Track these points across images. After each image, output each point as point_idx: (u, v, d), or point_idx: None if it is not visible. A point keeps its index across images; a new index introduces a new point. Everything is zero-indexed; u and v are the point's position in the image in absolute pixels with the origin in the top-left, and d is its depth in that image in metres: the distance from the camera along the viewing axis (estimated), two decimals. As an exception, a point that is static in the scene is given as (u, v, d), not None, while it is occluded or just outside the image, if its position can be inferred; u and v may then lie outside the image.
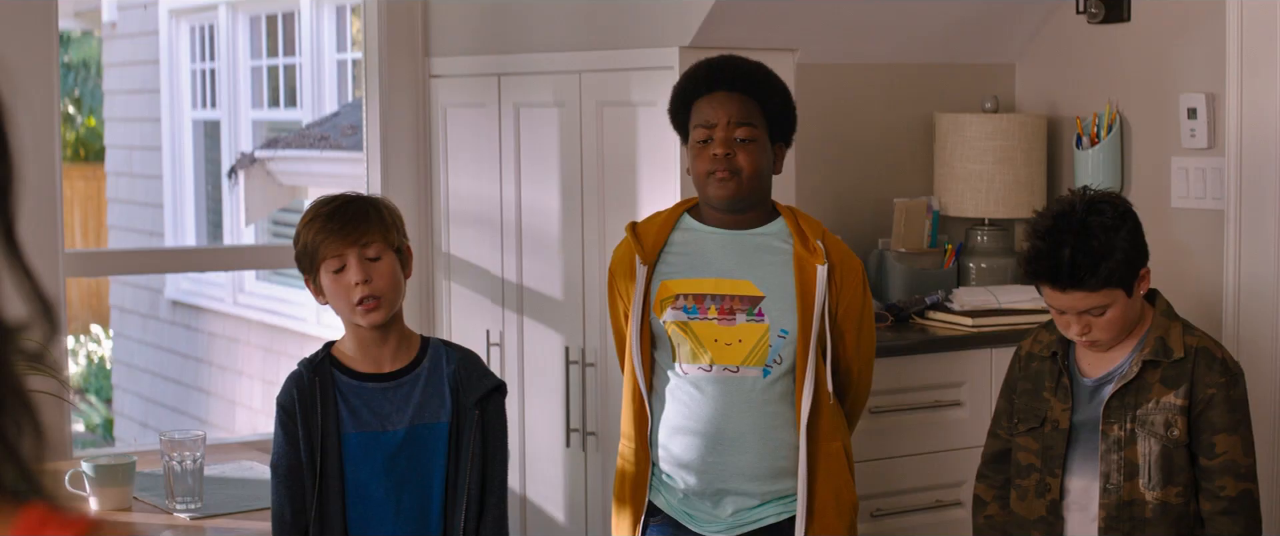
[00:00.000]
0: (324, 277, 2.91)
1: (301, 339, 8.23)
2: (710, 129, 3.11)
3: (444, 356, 2.98)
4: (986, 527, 3.19)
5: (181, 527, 3.21)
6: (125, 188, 10.38)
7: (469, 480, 2.92)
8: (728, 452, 3.12)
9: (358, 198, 2.97)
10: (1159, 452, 2.95)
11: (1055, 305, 2.98)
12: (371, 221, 2.90)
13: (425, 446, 2.93)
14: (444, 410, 2.94)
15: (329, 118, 8.15)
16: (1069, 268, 2.90)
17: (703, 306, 3.13)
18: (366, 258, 2.88)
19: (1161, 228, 4.26)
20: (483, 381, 2.98)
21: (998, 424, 3.21)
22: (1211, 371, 2.96)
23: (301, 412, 2.90)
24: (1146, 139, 4.29)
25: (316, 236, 2.90)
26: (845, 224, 4.34)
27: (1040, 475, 3.06)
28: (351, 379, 2.94)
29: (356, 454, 2.91)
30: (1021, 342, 3.20)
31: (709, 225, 3.18)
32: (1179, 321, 3.05)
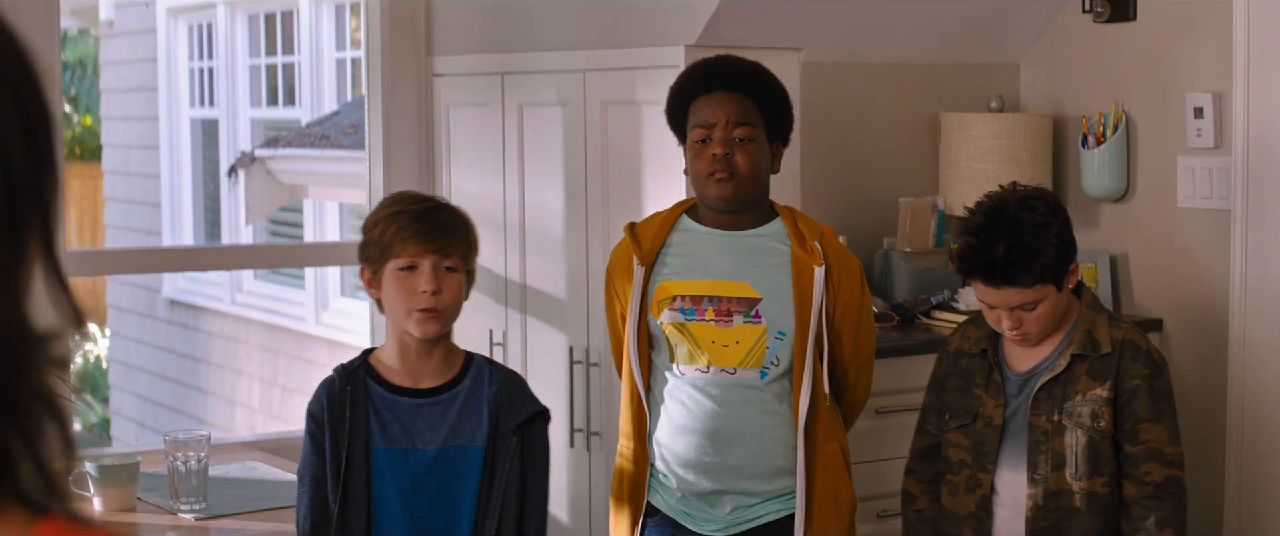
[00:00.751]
0: (388, 273, 2.80)
1: (300, 338, 8.22)
2: (708, 129, 3.10)
3: (487, 376, 2.87)
4: (917, 521, 3.21)
5: (186, 528, 3.20)
6: (123, 186, 10.36)
7: (502, 509, 2.80)
8: (726, 452, 3.12)
9: (449, 206, 2.88)
10: (1085, 443, 3.00)
11: (987, 301, 3.02)
12: (458, 235, 2.82)
13: (456, 469, 2.82)
14: (480, 433, 2.83)
15: (329, 116, 8.13)
16: (1003, 264, 2.96)
17: (700, 308, 3.12)
18: (442, 268, 2.78)
19: (1167, 227, 4.25)
20: (525, 406, 2.86)
21: (926, 419, 3.23)
22: (1136, 363, 3.03)
23: (330, 422, 2.81)
24: (1152, 138, 4.28)
25: (399, 232, 2.78)
26: (850, 223, 4.33)
27: (971, 471, 3.09)
28: (386, 391, 2.84)
29: (383, 471, 2.80)
30: (950, 338, 3.22)
31: (707, 226, 3.17)
32: (1104, 313, 3.10)
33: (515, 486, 2.81)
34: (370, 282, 2.85)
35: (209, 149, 9.45)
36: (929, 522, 3.19)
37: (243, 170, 8.55)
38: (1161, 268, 4.28)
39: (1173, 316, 4.24)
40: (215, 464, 3.46)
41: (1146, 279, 4.32)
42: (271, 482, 3.55)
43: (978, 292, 3.03)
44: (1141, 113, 4.31)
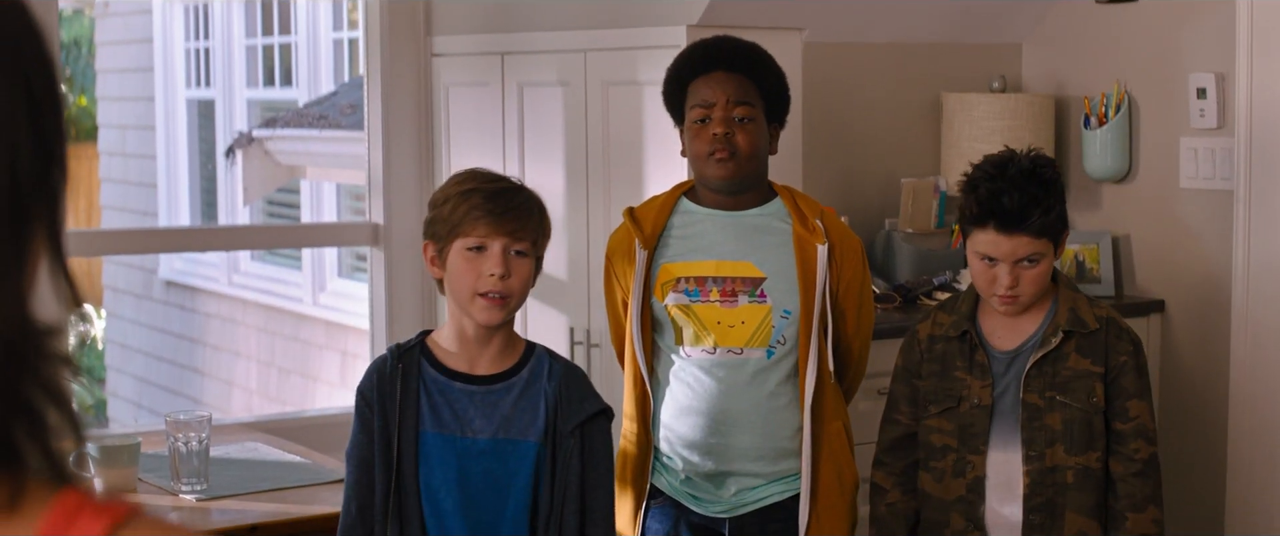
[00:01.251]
0: (455, 252, 2.68)
1: (297, 319, 8.21)
2: (708, 108, 3.09)
3: (546, 369, 2.74)
4: (889, 516, 3.18)
5: (188, 509, 3.19)
6: (118, 167, 10.33)
7: (563, 512, 2.68)
8: (731, 434, 3.11)
9: (525, 189, 2.76)
10: (1079, 419, 3.01)
11: (992, 252, 3.00)
12: (532, 218, 2.70)
13: (506, 464, 2.70)
14: (535, 429, 2.71)
15: (327, 97, 8.11)
16: (1019, 207, 2.96)
17: (704, 289, 3.11)
18: (512, 251, 2.67)
19: (1170, 208, 4.24)
20: (585, 404, 2.72)
21: (894, 409, 3.20)
22: (1121, 340, 3.05)
23: (380, 402, 2.71)
24: (1155, 119, 4.27)
25: (471, 210, 2.66)
26: (852, 204, 4.32)
27: (958, 454, 3.06)
28: (440, 374, 2.73)
29: (431, 455, 2.70)
30: (917, 326, 3.20)
31: (707, 207, 3.16)
32: (1081, 293, 3.11)
33: (576, 488, 2.69)
34: (433, 261, 2.74)
35: (205, 130, 9.43)
36: (901, 516, 3.16)
37: (240, 151, 8.53)
38: (1164, 248, 4.27)
39: (1175, 297, 4.23)
40: (216, 445, 3.45)
41: (1149, 260, 4.31)
42: (273, 463, 3.54)
43: (983, 245, 3.00)
44: (1144, 93, 4.29)
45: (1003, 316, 3.09)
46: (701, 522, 3.17)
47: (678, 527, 3.18)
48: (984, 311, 3.12)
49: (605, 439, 2.75)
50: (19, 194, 0.89)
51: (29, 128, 0.89)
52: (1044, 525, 3.01)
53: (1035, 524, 3.01)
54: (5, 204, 0.88)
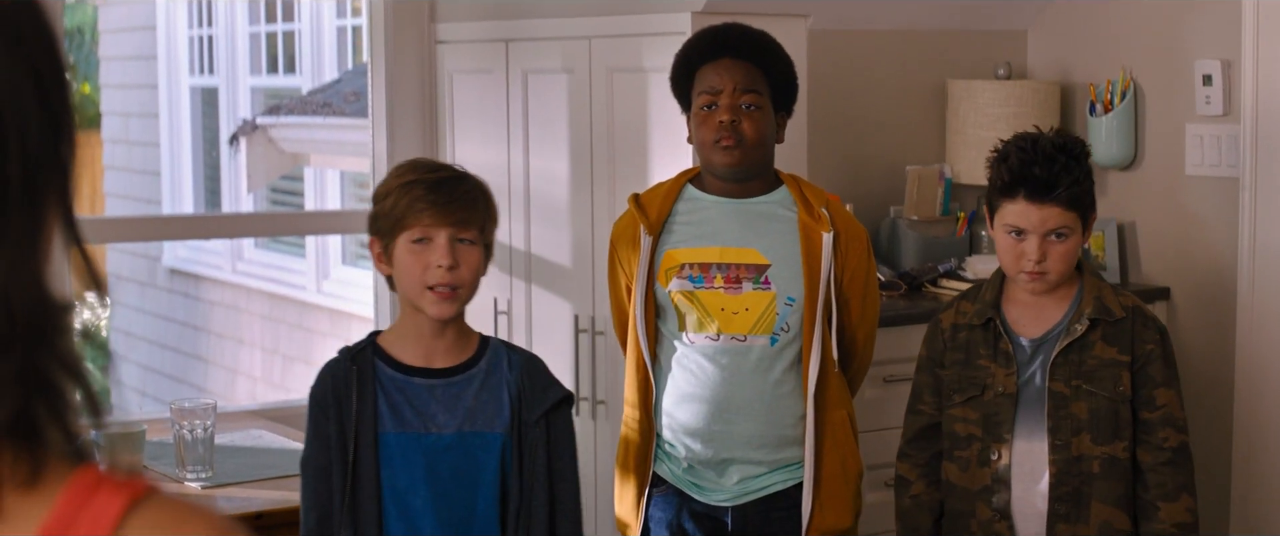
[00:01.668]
0: (400, 247, 2.62)
1: (301, 307, 8.21)
2: (715, 95, 3.09)
3: (505, 360, 2.71)
4: (913, 508, 3.16)
5: (193, 496, 3.19)
6: (122, 155, 10.33)
7: (534, 501, 2.65)
8: (734, 421, 3.11)
9: (467, 175, 2.70)
10: (1105, 408, 2.99)
11: (1021, 223, 2.98)
12: (477, 206, 2.65)
13: (474, 457, 2.65)
14: (500, 420, 2.67)
15: (331, 84, 8.10)
16: (1051, 176, 2.95)
17: (708, 275, 3.11)
18: (459, 241, 2.62)
19: (1175, 195, 4.24)
20: (548, 392, 2.70)
21: (919, 400, 3.19)
22: (1148, 329, 3.03)
23: (335, 406, 2.64)
24: (1161, 106, 4.26)
25: (414, 202, 2.60)
26: (857, 191, 4.31)
27: (983, 443, 3.05)
28: (396, 372, 2.67)
29: (395, 456, 2.63)
30: (940, 316, 3.18)
31: (712, 194, 3.16)
32: (1107, 283, 3.10)
33: (544, 478, 2.67)
34: (380, 257, 2.68)
35: (208, 117, 9.42)
36: (925, 508, 3.15)
37: (244, 138, 8.53)
38: (1169, 236, 4.27)
39: (1181, 285, 4.22)
40: (220, 432, 3.45)
41: (1154, 247, 4.31)
42: (277, 451, 3.54)
43: (1013, 216, 2.98)
44: (1150, 80, 4.29)
45: (1027, 304, 3.07)
46: (704, 511, 3.17)
47: (680, 516, 3.18)
48: (1008, 299, 3.10)
49: (569, 426, 2.73)
50: (31, 172, 0.89)
51: (37, 103, 0.90)
52: (1069, 515, 2.99)
53: (1061, 513, 2.99)
54: (17, 178, 0.89)
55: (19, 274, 0.88)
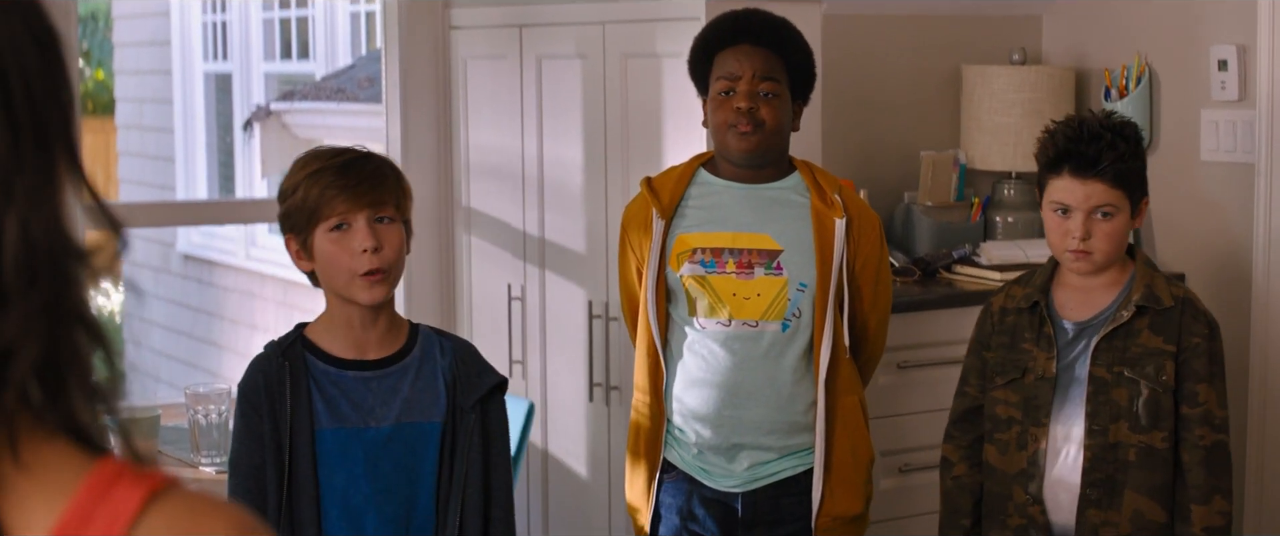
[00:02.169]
0: (319, 239, 2.53)
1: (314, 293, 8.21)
2: (733, 81, 3.08)
3: (438, 347, 2.63)
4: (955, 489, 3.17)
5: (207, 480, 3.20)
6: (136, 141, 10.34)
7: (466, 491, 2.58)
8: (744, 407, 3.11)
9: (370, 154, 2.62)
10: (1147, 397, 2.96)
11: (1066, 199, 2.97)
12: (388, 183, 2.58)
13: (413, 448, 2.58)
14: (437, 408, 2.59)
15: (344, 70, 8.11)
16: (1094, 151, 2.94)
17: (721, 260, 3.11)
18: (378, 221, 2.54)
19: (1190, 182, 4.22)
20: (482, 378, 2.63)
21: (966, 382, 3.19)
22: (1196, 322, 2.99)
23: (268, 403, 2.53)
24: (1176, 91, 4.25)
25: (324, 191, 2.52)
26: (871, 177, 4.31)
27: (1022, 427, 3.04)
28: (329, 365, 2.57)
29: (332, 454, 2.54)
30: (992, 299, 3.18)
31: (725, 179, 3.16)
32: (1160, 272, 3.07)
33: (479, 466, 2.60)
34: (299, 254, 2.58)
35: (222, 103, 9.44)
36: (967, 490, 3.15)
37: (258, 124, 8.53)
38: (1184, 222, 4.26)
39: (1195, 271, 4.21)
40: (235, 417, 3.45)
41: (1169, 233, 4.29)
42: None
43: (1056, 193, 2.97)
44: (1164, 65, 4.27)
45: (1076, 289, 3.05)
46: (714, 497, 3.16)
47: (690, 502, 3.17)
48: (1058, 284, 3.09)
49: (502, 413, 2.67)
50: (37, 111, 0.90)
51: (35, 53, 0.91)
52: (1101, 501, 2.97)
53: (1092, 499, 2.97)
54: (27, 122, 0.89)
55: (39, 211, 0.88)
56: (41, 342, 0.88)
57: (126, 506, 0.87)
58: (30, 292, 0.87)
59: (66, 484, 0.88)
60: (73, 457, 0.89)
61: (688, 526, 3.17)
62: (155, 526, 0.87)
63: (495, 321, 4.36)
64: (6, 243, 0.87)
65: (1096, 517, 2.97)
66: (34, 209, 0.88)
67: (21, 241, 0.87)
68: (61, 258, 0.89)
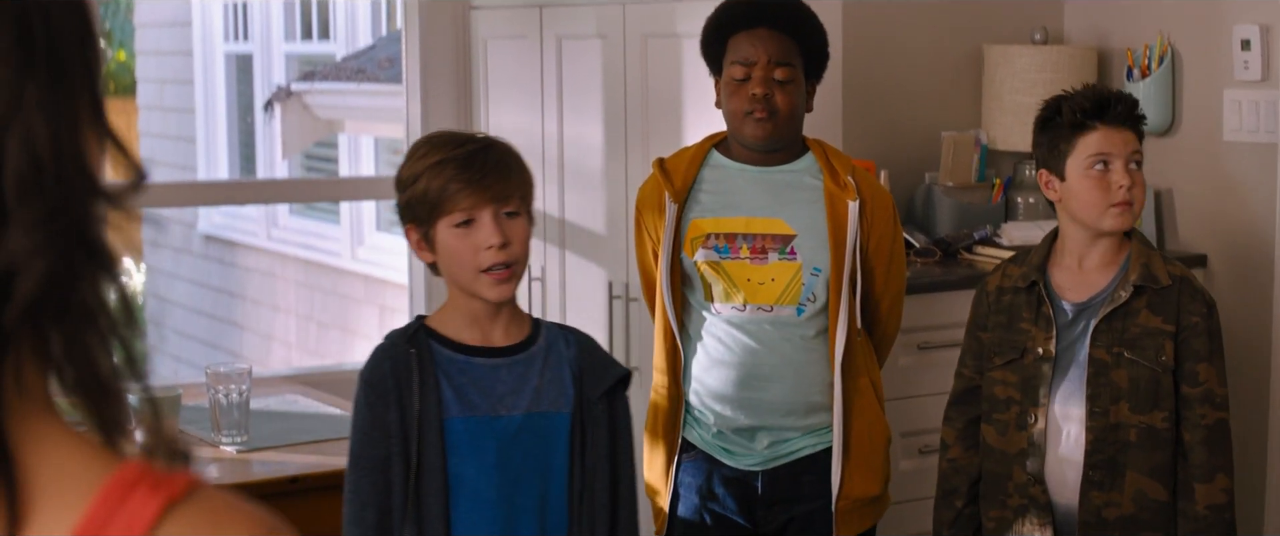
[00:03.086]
0: (443, 233, 2.44)
1: (336, 273, 8.23)
2: (748, 67, 3.06)
3: (561, 339, 2.55)
4: (950, 470, 3.16)
5: (228, 460, 3.20)
6: (157, 121, 10.36)
7: (596, 486, 2.51)
8: (762, 388, 3.11)
9: (495, 143, 2.50)
10: (1146, 377, 2.95)
11: (1107, 148, 2.96)
12: (515, 174, 2.47)
13: (544, 439, 2.49)
14: (565, 400, 2.51)
15: (365, 50, 8.11)
16: (1126, 103, 2.96)
17: (734, 246, 3.10)
18: (504, 215, 2.45)
19: (1213, 162, 4.21)
20: (608, 371, 2.56)
21: (963, 363, 3.18)
22: (1194, 301, 2.98)
23: (396, 392, 2.44)
24: (1198, 71, 4.23)
25: (449, 183, 2.41)
26: (892, 158, 4.30)
27: (1021, 407, 3.04)
28: (457, 353, 2.49)
29: (462, 444, 2.45)
30: (987, 279, 3.17)
31: (738, 162, 3.15)
32: (1156, 250, 3.06)
33: (606, 461, 2.52)
34: (419, 245, 2.50)
35: (243, 84, 9.44)
36: (962, 471, 3.15)
37: (278, 104, 8.54)
38: (1207, 203, 4.24)
39: (1218, 252, 4.20)
40: (256, 397, 3.46)
41: (1191, 214, 4.28)
42: (313, 416, 3.55)
43: (1093, 146, 2.95)
44: (1187, 45, 4.25)
45: (1073, 269, 3.03)
46: (734, 476, 3.17)
47: (710, 481, 3.18)
48: (1055, 264, 3.08)
49: (627, 407, 2.60)
50: (54, 36, 0.86)
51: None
52: (1104, 482, 2.97)
53: (1094, 480, 2.97)
54: (42, 41, 0.85)
55: (46, 130, 0.84)
56: (46, 260, 0.83)
57: (142, 516, 0.83)
58: (31, 205, 0.83)
59: (86, 488, 0.84)
60: (94, 459, 0.86)
61: (707, 506, 3.17)
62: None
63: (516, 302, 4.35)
64: (9, 155, 0.83)
65: (1099, 499, 2.97)
66: (41, 126, 0.84)
67: (25, 155, 0.83)
68: (72, 181, 0.85)
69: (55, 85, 0.86)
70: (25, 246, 0.82)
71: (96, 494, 0.84)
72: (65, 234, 0.84)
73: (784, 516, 3.16)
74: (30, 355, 0.85)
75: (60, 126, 0.85)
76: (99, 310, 0.86)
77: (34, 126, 0.84)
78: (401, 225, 2.52)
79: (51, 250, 0.83)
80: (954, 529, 3.14)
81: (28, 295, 0.83)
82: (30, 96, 0.84)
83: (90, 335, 0.86)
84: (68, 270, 0.84)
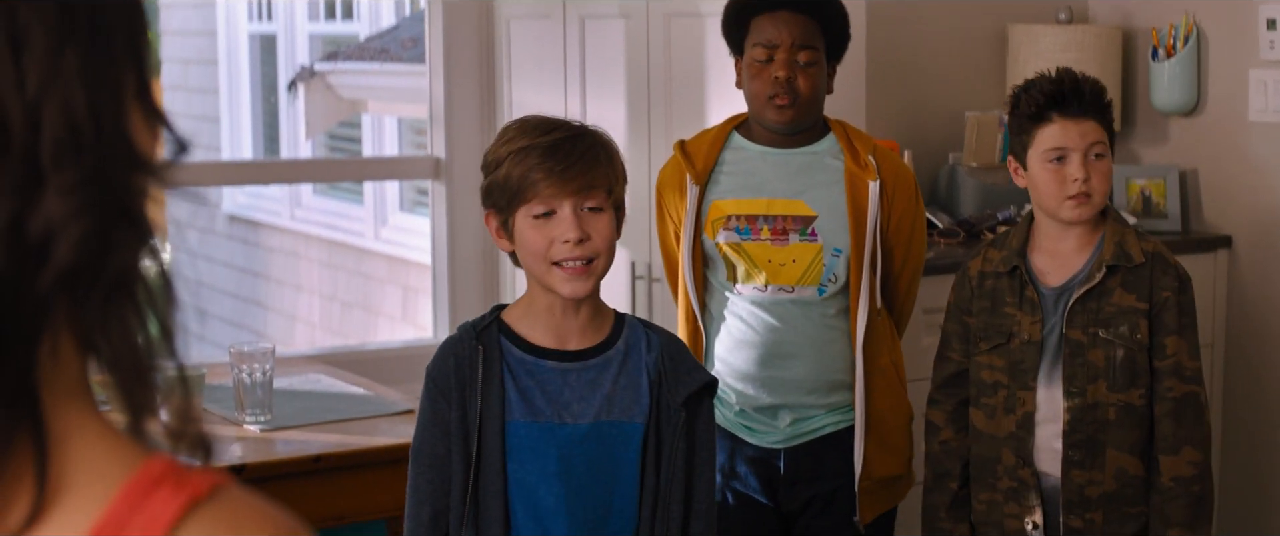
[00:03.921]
0: (521, 222, 2.35)
1: (359, 253, 8.24)
2: (771, 50, 3.06)
3: (644, 340, 2.43)
4: (942, 453, 3.15)
5: (252, 439, 3.21)
6: (181, 101, 10.38)
7: (670, 499, 2.38)
8: (784, 367, 3.11)
9: (585, 131, 2.38)
10: (1122, 356, 2.95)
11: (1063, 142, 2.95)
12: (602, 166, 2.35)
13: (611, 450, 2.38)
14: (639, 408, 2.39)
15: (388, 30, 8.11)
16: (1084, 91, 2.94)
17: (755, 227, 3.10)
18: (585, 209, 2.34)
19: (1238, 142, 4.19)
20: (691, 376, 2.42)
21: (947, 347, 3.17)
22: (1166, 276, 2.97)
23: (458, 389, 2.36)
24: (1224, 50, 4.21)
25: (530, 171, 2.32)
26: (915, 138, 4.29)
27: (1009, 390, 3.03)
28: (526, 353, 2.39)
29: (523, 449, 2.36)
30: (968, 263, 3.15)
31: (759, 144, 3.14)
32: (1130, 227, 3.05)
33: (682, 472, 2.40)
34: (499, 232, 2.41)
35: (267, 64, 9.46)
36: (954, 454, 3.14)
37: (302, 84, 8.55)
38: (1232, 183, 4.22)
39: (1243, 233, 4.18)
40: (279, 377, 3.47)
41: (1216, 195, 4.26)
42: (336, 395, 3.56)
43: (1050, 139, 2.94)
44: (1213, 24, 4.23)
45: (1052, 252, 3.03)
46: (757, 454, 3.17)
47: (733, 460, 3.18)
48: (1033, 247, 3.07)
49: (711, 414, 2.48)
50: (101, 23, 0.85)
51: None
52: (1084, 461, 2.97)
53: (1075, 460, 2.97)
54: (85, 26, 0.84)
55: (84, 95, 0.83)
56: (83, 225, 0.82)
57: (164, 515, 0.82)
58: (67, 170, 0.82)
59: (110, 481, 0.84)
60: (121, 451, 0.85)
61: (730, 484, 3.18)
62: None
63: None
64: (46, 122, 0.82)
65: (1081, 478, 2.97)
66: (80, 94, 0.83)
67: (62, 122, 0.82)
68: (111, 150, 0.85)
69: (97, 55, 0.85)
70: (61, 210, 0.82)
71: (120, 489, 0.83)
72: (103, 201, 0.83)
73: (806, 495, 3.16)
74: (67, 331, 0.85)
75: (100, 96, 0.85)
76: (136, 282, 0.86)
77: (73, 94, 0.83)
78: (482, 209, 2.45)
79: (88, 215, 0.83)
80: (950, 511, 3.14)
81: (64, 259, 0.82)
82: (70, 64, 0.83)
83: (127, 307, 0.86)
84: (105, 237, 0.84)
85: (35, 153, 0.82)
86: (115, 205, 0.85)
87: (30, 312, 0.83)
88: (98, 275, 0.84)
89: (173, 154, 0.90)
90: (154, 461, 0.85)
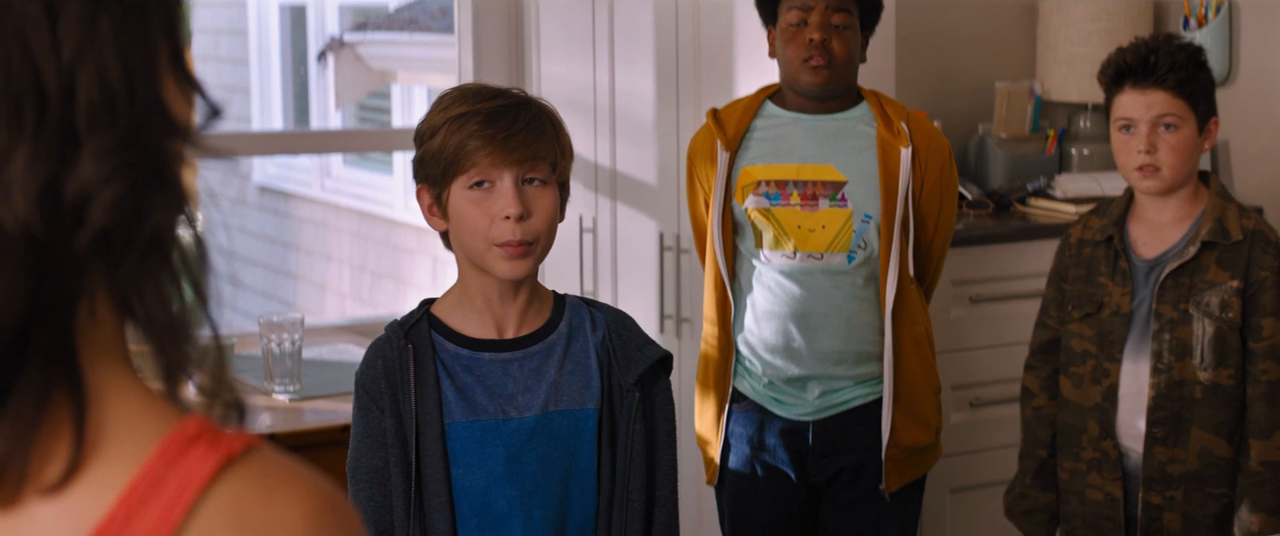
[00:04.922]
0: (457, 195, 2.17)
1: (388, 224, 8.26)
2: (805, 13, 3.06)
3: (588, 319, 2.25)
4: (1035, 419, 3.16)
5: (281, 409, 3.23)
6: (212, 72, 10.40)
7: (630, 486, 2.21)
8: (813, 337, 3.11)
9: (529, 101, 2.21)
10: (1213, 334, 2.92)
11: (1129, 112, 2.94)
12: (547, 138, 2.18)
13: (563, 441, 2.21)
14: (590, 393, 2.22)
15: (417, 1, 8.12)
16: (1157, 60, 2.91)
17: (785, 192, 3.10)
18: (527, 182, 2.17)
19: (1271, 113, 4.16)
20: (643, 352, 2.25)
21: (1046, 313, 3.17)
22: (1265, 255, 2.94)
23: (390, 394, 2.17)
24: (1257, 21, 4.18)
25: (468, 139, 2.14)
26: (945, 108, 4.27)
27: (1097, 361, 3.03)
28: (462, 348, 2.21)
29: (467, 452, 2.18)
30: (1071, 229, 3.15)
31: (792, 111, 3.14)
32: (1234, 203, 3.01)
33: (641, 457, 2.23)
34: (431, 209, 2.22)
35: (297, 35, 9.47)
36: (1046, 420, 3.14)
37: (332, 55, 8.56)
38: (1264, 154, 4.20)
39: (1275, 204, 4.16)
40: (308, 346, 3.48)
41: (1248, 166, 4.24)
42: (364, 366, 3.57)
43: (1121, 109, 2.95)
44: (1246, -5, 4.20)
45: (1150, 223, 3.01)
46: (786, 427, 3.17)
47: (762, 432, 3.18)
48: (1134, 217, 3.05)
49: (668, 394, 2.31)
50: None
51: None
52: (1167, 438, 2.96)
53: (1158, 437, 2.96)
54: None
55: (119, 60, 0.85)
56: (117, 188, 0.84)
57: (197, 474, 0.84)
58: (101, 133, 0.83)
59: (146, 439, 0.85)
60: (157, 410, 0.86)
61: (759, 456, 3.18)
62: (221, 503, 0.83)
63: (567, 253, 4.36)
64: (81, 87, 0.83)
65: (1163, 455, 2.96)
66: (114, 60, 0.85)
67: (97, 87, 0.84)
68: (145, 115, 0.86)
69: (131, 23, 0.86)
70: (97, 173, 0.83)
71: (156, 446, 0.85)
72: (138, 165, 0.85)
73: (835, 467, 3.16)
74: (104, 293, 0.86)
75: (134, 62, 0.86)
76: (170, 245, 0.87)
77: (107, 60, 0.84)
78: (414, 185, 2.25)
79: (123, 178, 0.84)
80: (1037, 479, 3.14)
81: (99, 221, 0.83)
82: (105, 31, 0.84)
83: (161, 270, 0.87)
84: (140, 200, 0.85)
85: (71, 117, 0.83)
86: (150, 169, 0.86)
87: (68, 274, 0.84)
88: (133, 237, 0.85)
89: (205, 120, 0.91)
90: (189, 421, 0.86)
